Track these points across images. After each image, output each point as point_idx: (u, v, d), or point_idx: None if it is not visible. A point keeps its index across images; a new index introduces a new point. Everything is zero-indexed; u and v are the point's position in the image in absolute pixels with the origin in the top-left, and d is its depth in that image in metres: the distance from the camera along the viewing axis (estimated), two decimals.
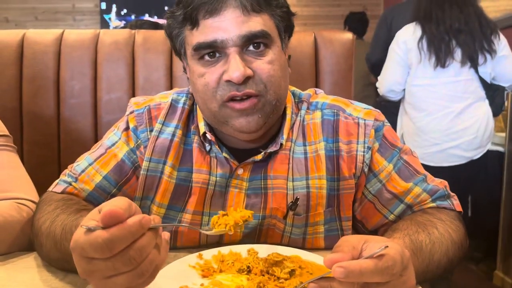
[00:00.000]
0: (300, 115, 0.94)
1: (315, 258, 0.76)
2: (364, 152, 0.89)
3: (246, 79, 0.79)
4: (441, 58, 2.15)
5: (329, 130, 0.91)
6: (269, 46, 0.82)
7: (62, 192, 0.90)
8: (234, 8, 0.79)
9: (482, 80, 2.20)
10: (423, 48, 2.19)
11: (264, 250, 0.80)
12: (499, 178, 2.56)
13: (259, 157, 0.88)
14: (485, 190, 2.68)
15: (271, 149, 0.88)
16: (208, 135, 0.89)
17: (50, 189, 0.92)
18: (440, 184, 0.92)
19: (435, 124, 2.22)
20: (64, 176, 0.93)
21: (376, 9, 5.45)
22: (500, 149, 2.62)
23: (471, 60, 2.15)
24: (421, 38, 2.19)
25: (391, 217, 0.91)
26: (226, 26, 0.78)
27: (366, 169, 0.89)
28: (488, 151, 2.60)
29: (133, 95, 1.40)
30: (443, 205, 0.90)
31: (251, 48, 0.80)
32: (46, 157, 1.39)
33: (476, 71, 2.17)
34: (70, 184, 0.91)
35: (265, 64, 0.81)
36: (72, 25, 5.61)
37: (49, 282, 0.75)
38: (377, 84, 2.46)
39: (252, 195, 0.89)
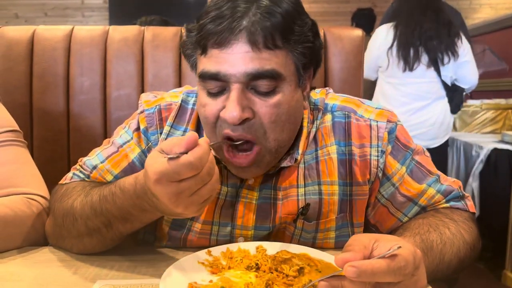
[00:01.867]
0: (316, 126, 0.90)
1: (324, 256, 0.76)
2: (378, 156, 0.87)
3: (244, 120, 0.75)
4: (409, 62, 2.45)
5: (340, 133, 0.89)
6: (279, 86, 0.76)
7: None
8: (244, 43, 0.72)
9: (444, 82, 2.49)
10: (392, 54, 2.48)
11: (272, 247, 0.80)
12: (508, 176, 2.55)
13: (272, 170, 0.86)
14: (494, 188, 2.66)
15: (285, 163, 0.86)
16: (213, 152, 0.86)
17: (61, 182, 0.94)
18: (454, 184, 0.91)
19: None
20: (76, 171, 0.94)
21: (385, 5, 5.39)
22: (510, 147, 2.60)
23: (435, 63, 2.43)
24: (391, 46, 2.47)
25: (406, 219, 0.89)
26: (233, 60, 0.73)
27: (380, 174, 0.88)
28: (497, 150, 2.60)
29: (142, 92, 1.39)
30: (456, 206, 0.89)
31: (257, 86, 0.75)
32: (55, 153, 1.40)
33: (439, 74, 2.46)
34: (84, 180, 0.92)
35: (268, 108, 0.76)
36: (81, 21, 5.64)
37: (60, 277, 0.75)
38: None
39: (262, 206, 0.88)
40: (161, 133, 0.91)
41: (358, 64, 1.39)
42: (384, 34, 2.54)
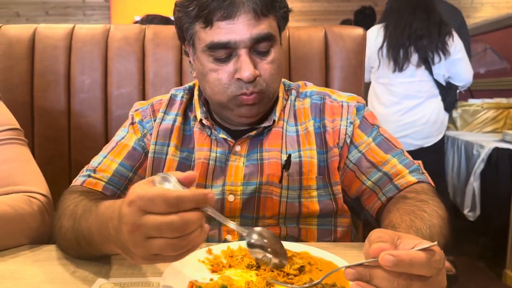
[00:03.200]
0: (290, 100, 1.05)
1: (324, 255, 0.76)
2: (346, 126, 0.99)
3: (255, 78, 0.89)
4: (399, 63, 2.47)
5: (316, 111, 1.02)
6: (272, 46, 0.92)
7: (82, 184, 0.96)
8: (247, 13, 0.86)
9: (436, 80, 2.49)
10: (383, 55, 2.50)
11: None
12: (509, 175, 2.54)
13: (253, 132, 0.98)
14: (495, 188, 2.66)
15: (265, 124, 0.98)
16: (204, 121, 0.98)
17: (71, 185, 0.98)
18: (415, 161, 0.99)
19: (389, 117, 2.54)
20: (82, 173, 1.00)
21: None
22: (511, 147, 2.59)
23: (426, 62, 2.44)
24: (381, 46, 2.49)
25: (369, 183, 0.97)
26: (239, 29, 0.86)
27: (348, 141, 0.98)
28: (498, 149, 2.59)
29: (143, 90, 1.40)
30: (421, 179, 0.94)
31: (257, 48, 0.90)
32: (56, 151, 1.40)
33: (431, 73, 2.47)
34: (89, 176, 0.97)
35: (267, 64, 0.91)
36: (82, 20, 5.65)
37: (60, 275, 0.76)
38: None
39: (250, 166, 0.97)
40: (155, 121, 1.03)
41: (359, 63, 1.39)
42: (374, 35, 2.56)
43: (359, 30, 1.40)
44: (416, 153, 2.51)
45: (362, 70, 1.40)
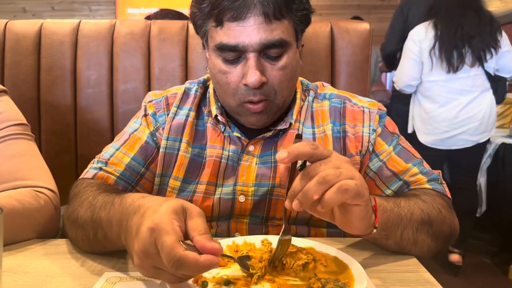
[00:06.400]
0: (308, 101, 1.02)
1: (330, 250, 0.76)
2: (369, 133, 0.97)
3: (261, 84, 0.87)
4: (453, 64, 2.38)
5: (336, 115, 0.99)
6: (285, 51, 0.88)
7: (93, 178, 0.94)
8: (258, 16, 0.83)
9: (487, 73, 2.43)
10: (435, 55, 2.41)
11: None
12: None
13: (268, 134, 0.96)
14: (502, 183, 2.65)
15: (281, 126, 0.96)
16: (220, 117, 0.97)
17: (81, 176, 0.97)
18: (435, 171, 0.98)
19: (446, 114, 2.46)
20: (93, 164, 0.98)
21: None
22: None
23: (479, 59, 2.38)
24: (433, 46, 2.40)
25: (388, 192, 0.96)
26: (249, 32, 0.83)
27: (370, 148, 0.97)
28: (505, 144, 2.58)
29: (149, 85, 1.41)
30: (438, 189, 0.93)
31: (268, 53, 0.86)
32: (63, 146, 1.41)
33: (483, 67, 2.40)
34: (101, 169, 0.95)
35: (277, 71, 0.88)
36: (88, 15, 5.65)
37: (67, 269, 0.76)
38: (394, 79, 2.68)
39: (262, 167, 0.96)
40: (168, 115, 1.01)
41: (366, 58, 1.39)
42: (423, 34, 2.45)
43: (365, 25, 1.40)
44: (473, 150, 2.48)
45: (368, 65, 1.39)
